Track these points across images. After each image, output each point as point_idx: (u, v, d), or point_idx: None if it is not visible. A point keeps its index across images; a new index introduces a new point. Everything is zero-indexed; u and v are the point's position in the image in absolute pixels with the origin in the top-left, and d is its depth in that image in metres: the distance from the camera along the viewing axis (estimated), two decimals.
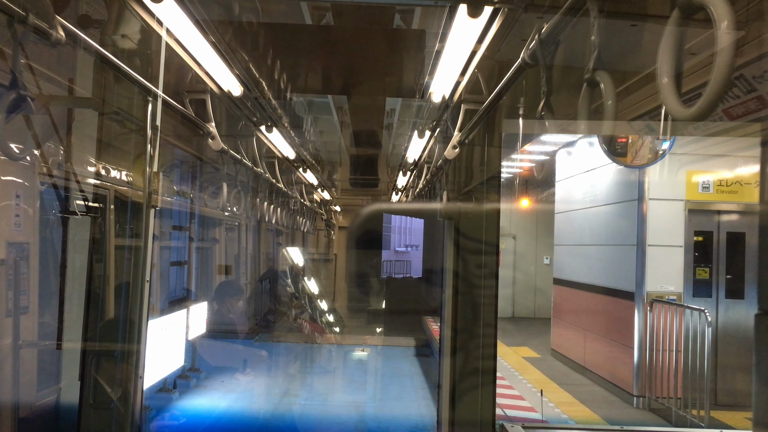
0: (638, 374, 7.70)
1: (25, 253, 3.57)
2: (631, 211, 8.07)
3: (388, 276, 19.06)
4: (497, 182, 4.37)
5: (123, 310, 3.59)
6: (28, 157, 3.45)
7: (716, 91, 1.36)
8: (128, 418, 3.45)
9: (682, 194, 7.90)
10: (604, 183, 8.94)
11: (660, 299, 7.66)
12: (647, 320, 7.69)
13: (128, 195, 3.88)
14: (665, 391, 7.36)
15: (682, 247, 7.85)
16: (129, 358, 3.55)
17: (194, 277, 8.46)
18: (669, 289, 7.77)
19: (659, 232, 7.86)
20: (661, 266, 7.82)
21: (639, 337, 7.75)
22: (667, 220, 7.88)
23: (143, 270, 3.54)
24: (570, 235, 10.35)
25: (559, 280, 10.73)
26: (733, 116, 3.98)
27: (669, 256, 7.83)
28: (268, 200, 8.90)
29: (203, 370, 7.18)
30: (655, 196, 7.91)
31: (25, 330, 3.58)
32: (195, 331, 6.70)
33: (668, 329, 7.41)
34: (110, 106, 3.60)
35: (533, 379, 8.80)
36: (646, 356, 7.63)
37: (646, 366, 7.63)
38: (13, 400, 3.46)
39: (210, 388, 6.98)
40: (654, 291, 7.77)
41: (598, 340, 8.92)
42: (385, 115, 8.74)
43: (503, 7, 2.80)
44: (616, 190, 8.59)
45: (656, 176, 7.88)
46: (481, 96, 4.01)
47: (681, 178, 7.91)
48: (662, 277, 7.79)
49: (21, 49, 2.44)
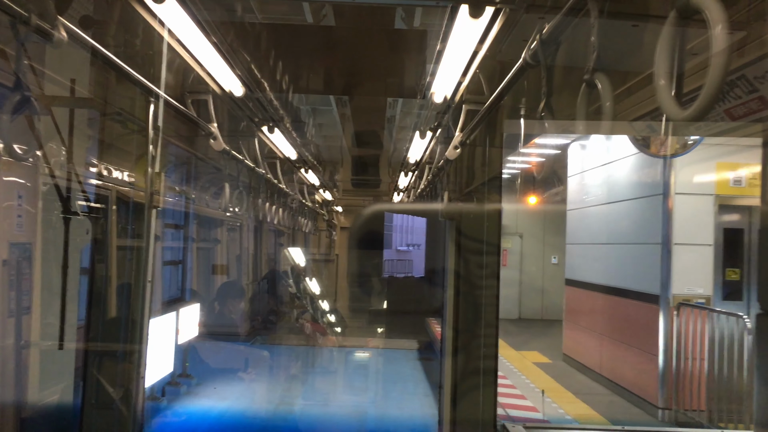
0: (663, 384, 7.08)
1: (27, 254, 3.58)
2: (655, 207, 7.43)
3: (389, 275, 19.09)
4: (498, 183, 4.37)
5: (125, 310, 3.60)
6: (30, 158, 3.46)
7: (711, 93, 1.38)
8: (130, 418, 3.47)
9: (711, 188, 7.25)
10: (624, 177, 8.31)
11: (687, 303, 7.02)
12: (673, 325, 7.05)
13: (130, 195, 3.89)
14: (695, 403, 6.77)
15: (711, 246, 7.20)
16: (131, 357, 3.56)
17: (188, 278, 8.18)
18: (697, 292, 7.12)
19: (686, 230, 7.21)
20: (688, 267, 7.18)
21: (664, 344, 7.13)
22: (694, 216, 7.21)
23: (145, 270, 3.56)
24: (584, 234, 9.78)
25: (572, 281, 10.12)
26: (735, 117, 3.98)
27: (697, 256, 7.19)
28: (270, 201, 8.91)
29: (195, 376, 6.73)
30: (682, 191, 7.23)
31: (26, 330, 3.59)
32: (186, 334, 6.34)
33: (698, 336, 6.78)
34: (112, 107, 3.62)
35: (545, 388, 8.25)
36: (672, 365, 7.01)
37: (673, 375, 7.00)
38: (14, 400, 3.47)
39: (201, 395, 6.58)
40: (681, 294, 7.12)
41: (616, 346, 8.31)
42: (386, 116, 8.75)
43: (504, 8, 2.80)
44: (638, 184, 7.95)
45: (683, 169, 7.25)
46: (483, 96, 4.01)
47: (711, 170, 7.28)
48: (689, 278, 7.15)
49: (24, 49, 2.45)
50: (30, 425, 3.55)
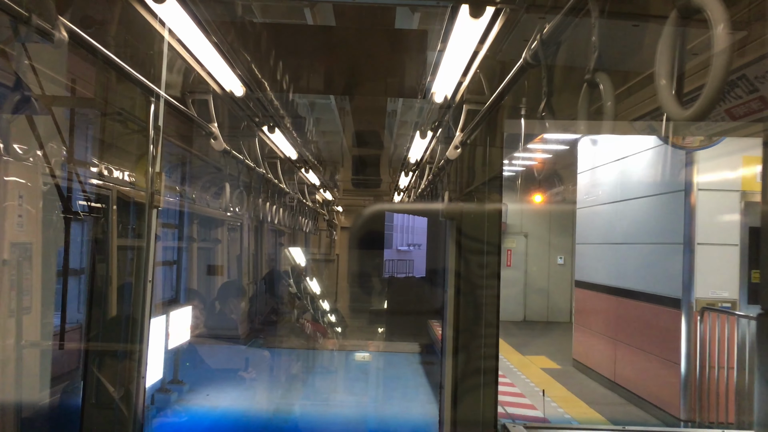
0: (686, 395, 6.54)
1: (28, 253, 3.58)
2: (676, 203, 6.89)
3: (390, 275, 19.08)
4: (499, 182, 4.37)
5: (125, 310, 3.60)
6: (31, 158, 3.47)
7: (713, 93, 1.38)
8: (131, 418, 3.47)
9: (737, 184, 6.73)
10: (641, 172, 7.79)
11: (712, 307, 6.49)
12: (697, 331, 6.51)
13: (131, 195, 3.90)
14: (721, 415, 6.24)
15: (737, 246, 6.68)
16: (131, 357, 3.56)
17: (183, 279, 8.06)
18: (722, 296, 6.56)
19: (710, 229, 6.67)
20: (712, 268, 6.63)
21: (687, 351, 6.59)
22: (719, 214, 6.70)
23: (146, 270, 3.56)
24: (596, 233, 9.21)
25: (583, 282, 9.55)
26: (736, 116, 3.97)
27: (722, 257, 6.65)
28: (271, 201, 8.91)
29: (187, 383, 6.47)
30: (705, 187, 6.69)
31: (27, 330, 3.59)
32: (178, 337, 6.07)
33: (725, 343, 6.27)
34: (113, 107, 3.62)
35: (557, 397, 7.69)
36: (695, 374, 6.46)
37: (696, 385, 6.44)
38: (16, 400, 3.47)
39: (193, 402, 6.32)
40: (704, 297, 6.59)
41: (632, 352, 7.77)
42: (387, 116, 8.75)
43: (505, 8, 2.80)
44: (657, 180, 7.42)
45: (707, 163, 6.73)
46: (483, 96, 4.01)
47: (737, 165, 6.78)
48: (714, 280, 6.62)
49: (24, 49, 2.45)
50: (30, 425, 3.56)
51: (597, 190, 9.15)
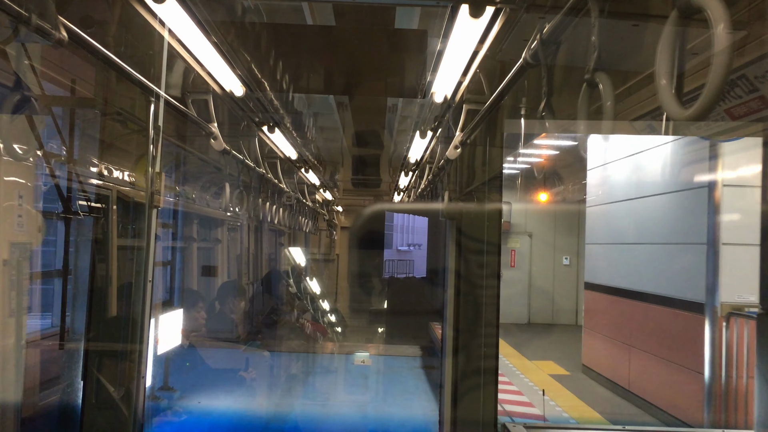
0: (710, 406, 6.10)
1: (27, 254, 3.58)
2: (698, 201, 6.42)
3: (390, 276, 19.09)
4: (499, 182, 4.37)
5: (125, 310, 3.60)
6: (30, 158, 3.46)
7: (713, 93, 1.38)
8: (131, 418, 3.47)
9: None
10: (658, 167, 7.32)
11: (738, 312, 6.04)
12: (722, 338, 6.06)
13: (131, 195, 3.90)
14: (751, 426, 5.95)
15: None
16: (131, 357, 3.56)
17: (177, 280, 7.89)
18: (749, 300, 6.03)
19: (737, 228, 6.20)
20: (739, 271, 6.12)
21: (711, 359, 6.15)
22: (746, 212, 6.14)
23: (146, 270, 3.56)
24: (608, 233, 8.77)
25: (593, 284, 9.11)
26: (735, 116, 3.97)
27: (749, 258, 5.88)
28: (270, 200, 8.92)
29: (177, 389, 6.18)
30: (731, 182, 6.19)
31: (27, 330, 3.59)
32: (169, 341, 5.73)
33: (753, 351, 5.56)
34: (112, 107, 3.62)
35: (568, 406, 7.28)
36: (720, 384, 6.02)
37: (722, 396, 6.00)
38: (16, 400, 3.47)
39: (183, 410, 6.04)
40: (730, 302, 6.12)
41: (649, 359, 7.34)
42: (386, 116, 8.75)
43: (505, 8, 2.80)
44: (677, 175, 6.93)
45: (733, 156, 6.22)
46: (483, 96, 4.02)
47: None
48: (740, 284, 6.13)
49: (24, 50, 2.45)
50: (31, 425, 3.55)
51: (608, 188, 8.77)
